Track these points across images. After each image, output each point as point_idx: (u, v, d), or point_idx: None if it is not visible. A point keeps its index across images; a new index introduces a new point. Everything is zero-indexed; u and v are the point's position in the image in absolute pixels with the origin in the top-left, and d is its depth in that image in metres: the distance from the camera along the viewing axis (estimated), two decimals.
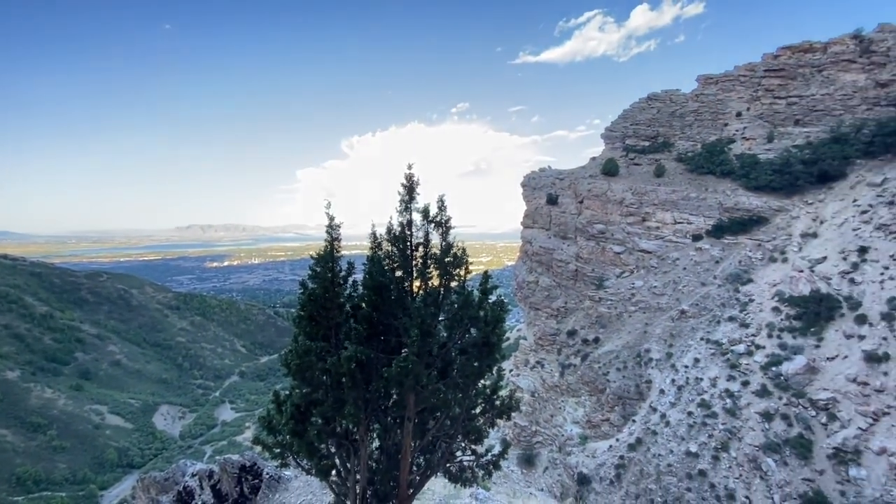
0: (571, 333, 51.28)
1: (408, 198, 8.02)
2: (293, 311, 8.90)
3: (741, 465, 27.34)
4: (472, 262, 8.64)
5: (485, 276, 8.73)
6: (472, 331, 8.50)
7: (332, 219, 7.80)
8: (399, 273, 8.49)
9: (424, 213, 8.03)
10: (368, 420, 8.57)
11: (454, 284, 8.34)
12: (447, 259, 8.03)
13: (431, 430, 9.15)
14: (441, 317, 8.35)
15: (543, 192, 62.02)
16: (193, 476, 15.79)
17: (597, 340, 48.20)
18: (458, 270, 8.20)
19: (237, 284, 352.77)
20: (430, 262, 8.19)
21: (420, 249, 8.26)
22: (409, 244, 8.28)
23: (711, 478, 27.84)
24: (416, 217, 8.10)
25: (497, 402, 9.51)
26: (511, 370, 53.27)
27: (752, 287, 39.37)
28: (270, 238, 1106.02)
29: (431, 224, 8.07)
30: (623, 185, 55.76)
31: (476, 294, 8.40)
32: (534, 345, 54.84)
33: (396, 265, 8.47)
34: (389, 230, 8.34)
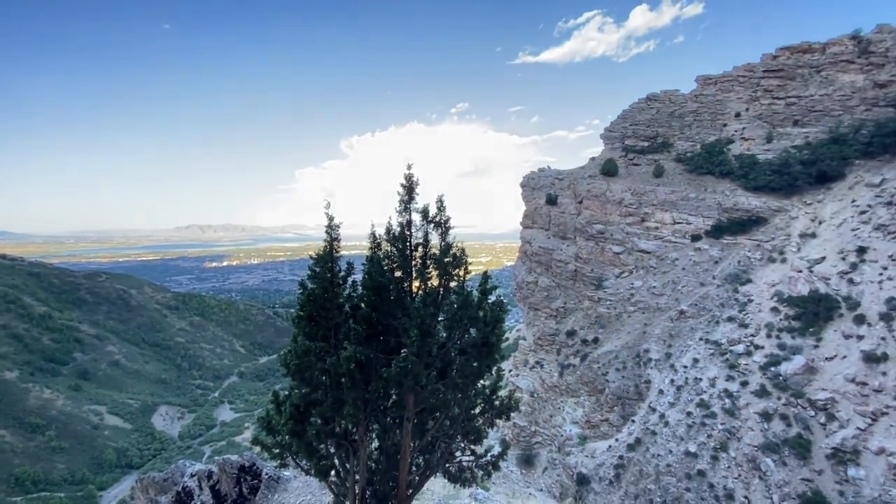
0: (571, 334, 51.32)
1: (407, 198, 8.02)
2: (292, 312, 8.89)
3: (740, 465, 27.36)
4: (472, 263, 8.63)
5: (484, 277, 8.73)
6: (472, 331, 8.50)
7: (332, 219, 7.80)
8: (398, 273, 8.49)
9: (424, 214, 8.04)
10: (368, 420, 8.56)
11: (453, 285, 8.34)
12: (446, 259, 8.02)
13: (431, 431, 9.15)
14: (440, 317, 8.35)
15: (543, 193, 62.05)
16: (192, 476, 15.77)
17: (596, 341, 48.23)
18: (458, 271, 8.20)
19: (236, 284, 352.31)
20: (430, 263, 8.19)
21: (419, 249, 8.27)
22: (409, 244, 8.28)
23: (710, 478, 27.87)
24: (416, 217, 8.11)
25: (496, 403, 9.51)
26: (510, 370, 53.25)
27: (751, 287, 39.42)
28: (270, 238, 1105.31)
29: (431, 224, 8.07)
30: (622, 186, 55.81)
31: (475, 294, 8.40)
32: (533, 345, 54.85)
33: (396, 265, 8.47)
34: (389, 230, 8.34)
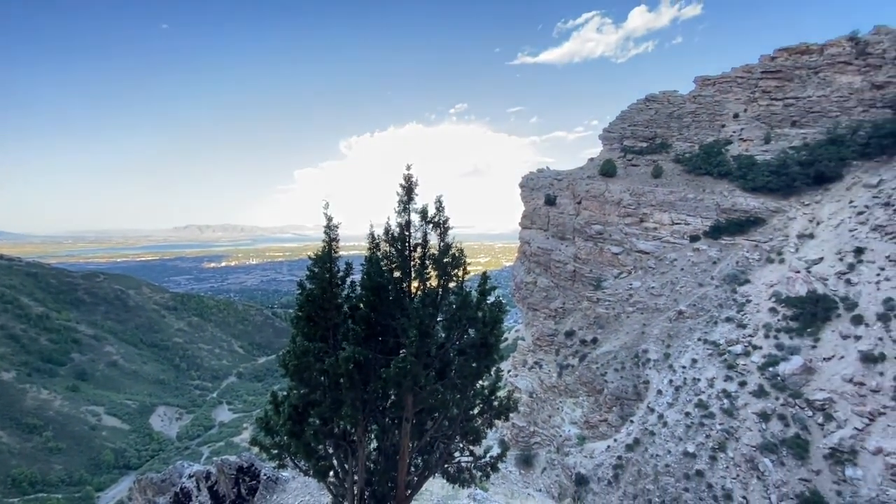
0: (569, 334, 51.35)
1: (406, 198, 8.03)
2: (291, 312, 8.87)
3: (738, 466, 27.41)
4: (471, 263, 8.63)
5: (483, 277, 8.73)
6: (471, 331, 8.50)
7: (331, 219, 7.79)
8: (397, 274, 8.49)
9: (423, 214, 8.04)
10: (366, 421, 8.56)
11: (452, 285, 8.33)
12: (445, 260, 8.02)
13: (429, 431, 9.15)
14: (439, 317, 8.35)
15: (541, 193, 62.09)
16: (190, 477, 15.74)
17: (595, 341, 48.26)
18: (456, 271, 8.20)
19: (235, 285, 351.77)
20: (429, 263, 8.19)
21: (418, 250, 8.27)
22: (408, 245, 8.28)
23: (709, 478, 27.91)
24: (415, 218, 8.11)
25: (495, 403, 9.52)
26: (509, 371, 53.24)
27: (750, 288, 39.49)
28: (268, 238, 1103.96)
29: (430, 224, 8.08)
30: (621, 186, 55.87)
31: (474, 295, 8.40)
32: (532, 345, 54.87)
33: (395, 266, 8.47)
34: (388, 231, 8.34)
